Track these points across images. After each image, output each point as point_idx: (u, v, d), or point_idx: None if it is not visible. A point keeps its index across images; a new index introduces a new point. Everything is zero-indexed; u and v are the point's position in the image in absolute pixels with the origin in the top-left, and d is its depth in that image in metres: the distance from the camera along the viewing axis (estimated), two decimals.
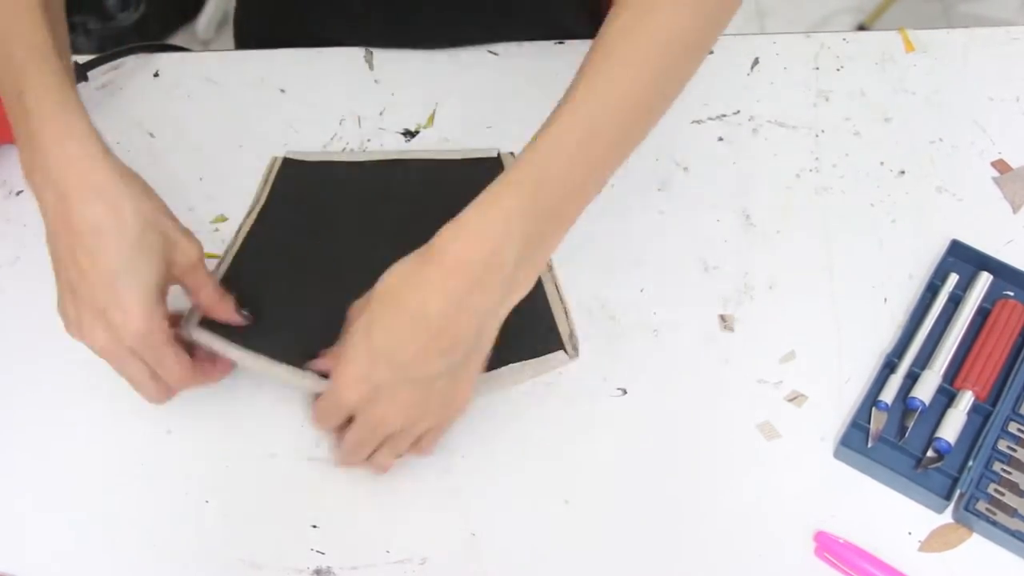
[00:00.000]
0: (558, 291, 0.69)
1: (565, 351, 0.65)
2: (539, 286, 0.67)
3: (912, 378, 0.66)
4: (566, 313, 0.68)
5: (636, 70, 0.55)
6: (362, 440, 0.60)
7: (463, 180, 0.69)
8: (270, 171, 0.77)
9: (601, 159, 0.56)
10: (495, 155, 0.77)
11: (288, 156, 0.78)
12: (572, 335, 0.67)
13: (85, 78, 0.82)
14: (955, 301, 0.69)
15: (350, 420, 0.59)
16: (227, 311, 0.63)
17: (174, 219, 0.61)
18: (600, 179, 0.57)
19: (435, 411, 0.59)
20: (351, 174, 0.77)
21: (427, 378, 0.56)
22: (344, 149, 0.79)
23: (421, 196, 0.74)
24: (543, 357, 0.65)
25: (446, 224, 0.54)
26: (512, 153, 0.77)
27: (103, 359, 0.59)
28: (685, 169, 0.76)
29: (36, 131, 0.56)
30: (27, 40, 0.58)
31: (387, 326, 0.55)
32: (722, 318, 0.70)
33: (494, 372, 0.63)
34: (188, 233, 0.61)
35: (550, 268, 0.70)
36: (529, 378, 0.66)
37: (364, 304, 0.58)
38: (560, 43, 0.84)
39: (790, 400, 0.66)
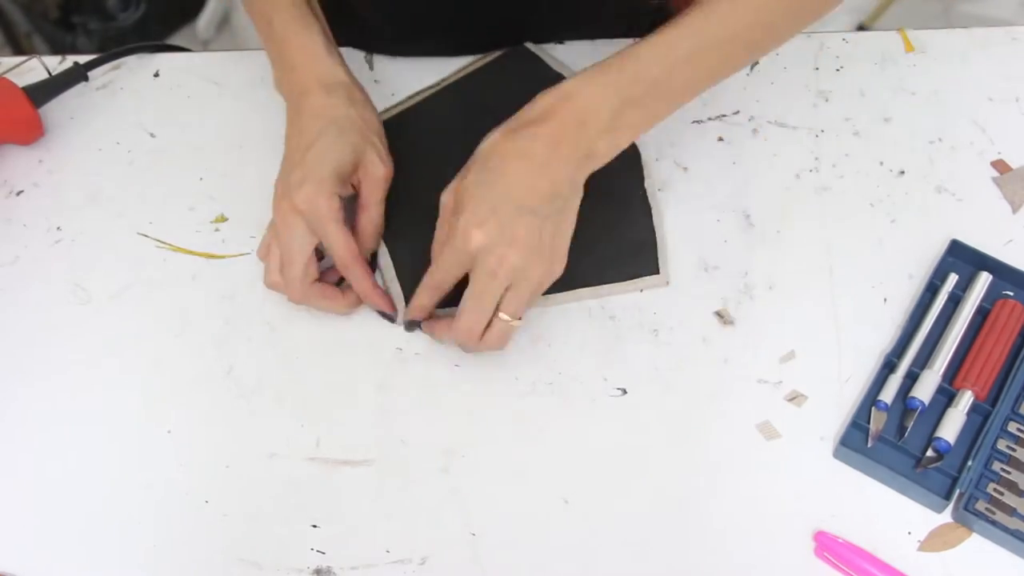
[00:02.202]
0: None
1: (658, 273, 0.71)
2: (647, 213, 0.73)
3: (912, 378, 0.66)
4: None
5: (750, 14, 0.63)
6: (482, 292, 0.62)
7: (503, 76, 0.81)
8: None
9: (695, 79, 0.65)
10: (517, 46, 0.81)
11: (527, 45, 0.81)
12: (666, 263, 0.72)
13: (85, 78, 0.82)
14: (955, 301, 0.69)
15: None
16: (374, 242, 0.71)
17: (383, 140, 0.70)
18: (690, 93, 0.65)
19: (546, 256, 0.62)
20: (397, 128, 0.78)
21: (541, 216, 0.61)
22: None
23: (473, 110, 0.78)
24: (644, 278, 0.71)
25: (544, 90, 0.63)
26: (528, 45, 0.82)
27: (272, 225, 0.67)
28: (685, 169, 0.76)
29: (284, 49, 0.69)
30: None
31: (497, 169, 0.61)
32: (722, 317, 0.70)
33: (598, 287, 0.71)
34: (387, 156, 0.70)
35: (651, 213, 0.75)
36: (622, 292, 0.71)
37: (462, 175, 0.64)
38: (560, 43, 0.84)
39: (790, 400, 0.67)
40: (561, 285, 0.66)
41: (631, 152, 0.76)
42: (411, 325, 0.69)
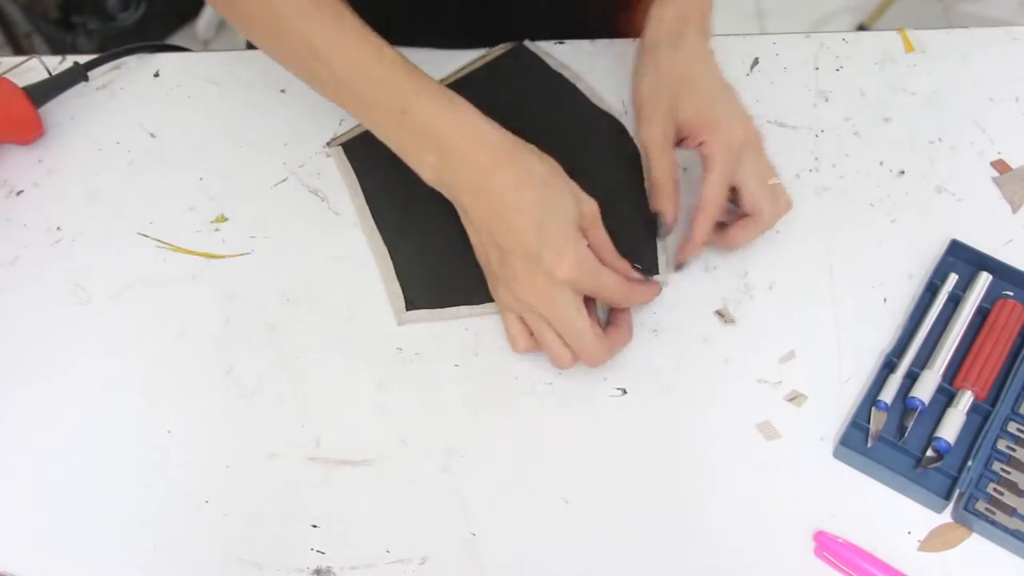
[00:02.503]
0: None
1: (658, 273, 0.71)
2: (648, 214, 0.73)
3: (912, 378, 0.66)
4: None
5: None
6: (761, 167, 0.69)
7: (504, 76, 0.80)
8: (341, 164, 0.78)
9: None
10: (517, 45, 0.81)
11: (341, 143, 0.79)
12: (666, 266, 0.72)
13: (85, 78, 0.81)
14: (955, 301, 0.69)
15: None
16: (627, 269, 0.67)
17: (568, 179, 0.65)
18: None
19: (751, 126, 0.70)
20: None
21: (731, 93, 0.71)
22: None
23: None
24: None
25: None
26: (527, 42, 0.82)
27: (529, 314, 0.64)
28: (685, 169, 0.76)
29: (437, 135, 0.62)
30: (382, 60, 0.63)
31: (711, 81, 0.70)
32: (722, 317, 0.70)
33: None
34: (584, 191, 0.66)
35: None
36: None
37: (665, 111, 0.70)
38: (560, 43, 0.84)
39: (790, 400, 0.67)
40: None
41: (630, 151, 0.77)
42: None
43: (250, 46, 0.88)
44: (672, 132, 0.70)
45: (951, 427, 0.63)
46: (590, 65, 0.82)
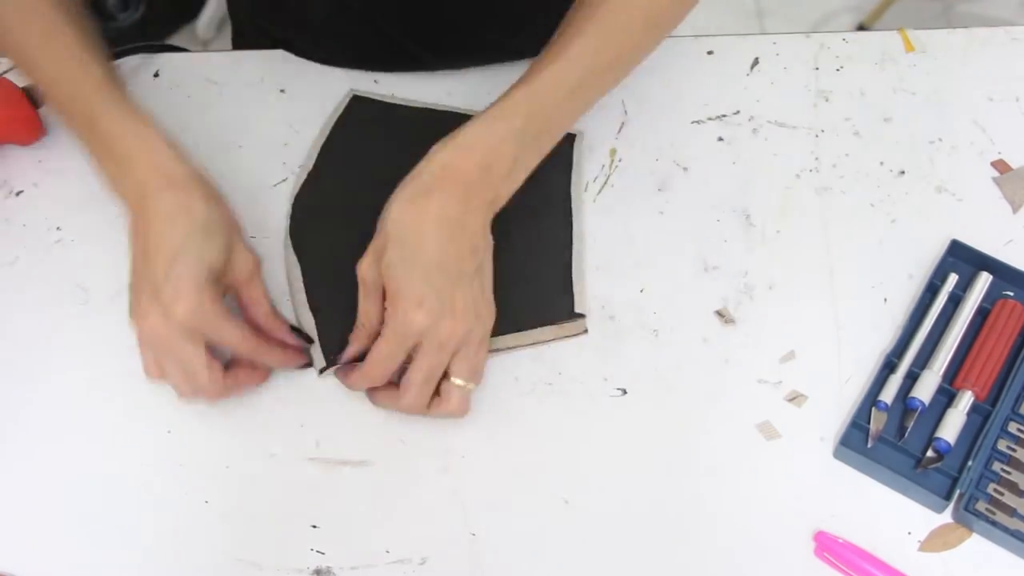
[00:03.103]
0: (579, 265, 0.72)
1: (576, 320, 0.69)
2: (565, 255, 0.72)
3: (912, 378, 0.66)
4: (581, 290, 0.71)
5: (620, 37, 0.66)
6: (432, 366, 0.61)
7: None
8: (338, 107, 0.80)
9: (578, 111, 0.67)
10: (572, 133, 0.78)
11: (357, 94, 0.80)
12: (585, 310, 0.70)
13: None
14: (955, 301, 0.69)
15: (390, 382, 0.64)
16: (281, 331, 0.66)
17: (238, 229, 0.66)
18: (570, 126, 0.68)
19: (482, 315, 0.63)
20: (420, 122, 0.79)
21: (469, 277, 0.62)
22: None
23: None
24: (561, 325, 0.69)
25: (439, 142, 0.63)
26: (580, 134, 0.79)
27: (150, 346, 0.62)
28: (685, 169, 0.76)
29: (117, 148, 0.64)
30: (81, 74, 0.65)
31: (414, 242, 0.60)
32: (722, 317, 0.70)
33: (512, 335, 0.68)
34: (249, 246, 0.66)
35: (571, 243, 0.73)
36: (545, 341, 0.69)
37: (378, 251, 0.62)
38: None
39: (790, 400, 0.66)
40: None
41: (562, 151, 0.75)
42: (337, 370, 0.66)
43: (250, 46, 0.88)
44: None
45: (951, 427, 0.63)
46: None
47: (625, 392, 0.67)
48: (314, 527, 0.63)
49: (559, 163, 0.75)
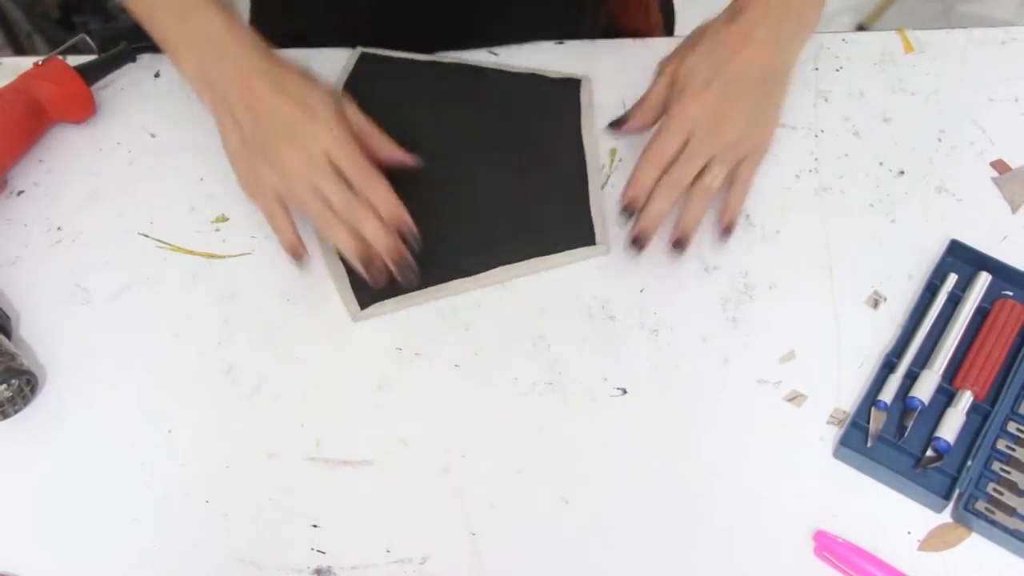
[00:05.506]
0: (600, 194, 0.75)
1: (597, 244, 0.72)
2: (581, 188, 0.74)
3: (911, 378, 0.66)
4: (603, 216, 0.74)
5: None
6: (693, 155, 0.66)
7: (542, 97, 0.79)
8: (347, 65, 0.81)
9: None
10: (577, 79, 0.81)
11: (365, 51, 0.82)
12: (606, 234, 0.73)
13: (133, 59, 0.84)
14: (954, 301, 0.69)
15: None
16: (399, 155, 0.71)
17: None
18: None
19: (757, 131, 0.68)
20: (429, 76, 0.80)
21: (759, 94, 0.67)
22: None
23: (500, 107, 0.78)
24: (582, 248, 0.72)
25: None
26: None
27: (294, 191, 0.66)
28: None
29: (208, 36, 0.67)
30: None
31: (718, 49, 0.66)
32: (722, 316, 0.70)
33: (539, 258, 0.71)
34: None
35: (587, 179, 0.75)
36: (565, 264, 0.72)
37: (681, 54, 0.68)
38: (560, 43, 0.84)
39: (790, 400, 0.67)
40: (490, 261, 0.70)
41: (568, 97, 0.78)
42: (634, 243, 0.70)
43: None
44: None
45: (951, 427, 0.63)
46: (590, 65, 0.82)
47: (625, 392, 0.67)
48: (314, 527, 0.63)
49: (567, 108, 0.78)
